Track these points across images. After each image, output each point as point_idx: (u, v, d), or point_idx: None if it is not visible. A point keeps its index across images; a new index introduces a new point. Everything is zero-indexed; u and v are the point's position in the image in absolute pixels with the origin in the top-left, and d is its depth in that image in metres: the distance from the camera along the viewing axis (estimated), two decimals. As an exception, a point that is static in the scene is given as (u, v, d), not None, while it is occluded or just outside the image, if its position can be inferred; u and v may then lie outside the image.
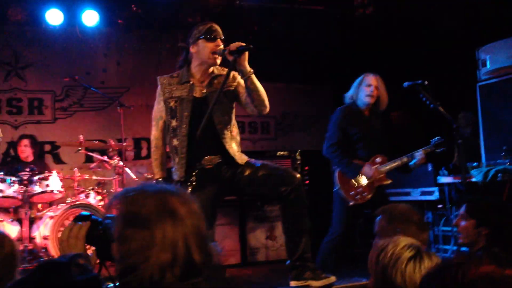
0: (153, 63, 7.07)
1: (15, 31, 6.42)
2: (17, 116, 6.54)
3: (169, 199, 1.35)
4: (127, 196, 1.37)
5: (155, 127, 3.36)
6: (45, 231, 5.18)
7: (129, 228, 1.31)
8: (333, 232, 4.15)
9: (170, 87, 3.29)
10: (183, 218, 1.33)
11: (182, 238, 1.30)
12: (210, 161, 3.21)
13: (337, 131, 4.16)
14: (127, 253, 1.29)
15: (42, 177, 5.34)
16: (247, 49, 3.01)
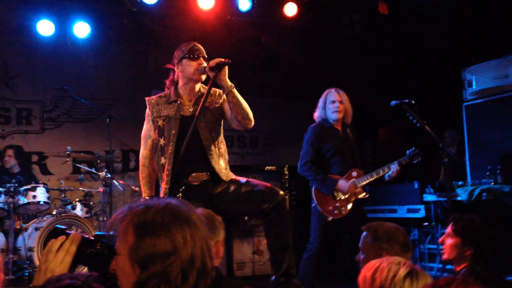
0: (142, 76, 7.10)
1: (5, 40, 6.41)
2: (4, 126, 6.51)
3: (179, 209, 1.38)
4: (136, 209, 1.38)
5: (143, 146, 3.40)
6: (31, 243, 5.13)
7: (146, 237, 1.31)
8: (311, 248, 4.18)
9: (158, 106, 3.35)
10: (198, 225, 1.38)
11: (199, 243, 1.34)
12: (197, 178, 3.24)
13: (310, 149, 4.23)
14: (150, 260, 1.30)
15: (28, 187, 5.31)
16: (225, 64, 3.07)
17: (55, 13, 6.00)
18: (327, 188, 4.16)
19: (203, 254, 1.35)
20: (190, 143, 3.04)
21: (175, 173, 3.15)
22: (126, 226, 1.36)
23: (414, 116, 3.94)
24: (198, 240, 1.35)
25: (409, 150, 4.28)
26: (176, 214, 1.36)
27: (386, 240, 2.47)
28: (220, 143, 3.35)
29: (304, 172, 4.23)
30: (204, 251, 1.35)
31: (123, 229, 1.36)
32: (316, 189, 4.21)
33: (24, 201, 5.25)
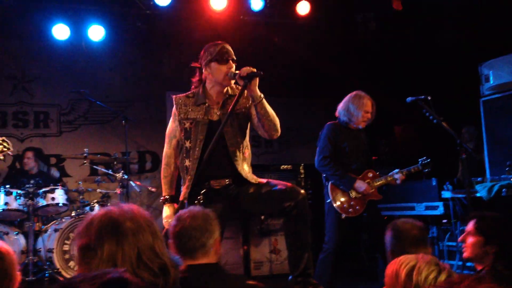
0: (157, 77, 7.15)
1: (21, 45, 6.51)
2: (23, 129, 6.60)
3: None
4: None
5: (167, 144, 3.36)
6: (50, 244, 5.20)
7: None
8: (327, 248, 4.17)
9: (186, 107, 3.27)
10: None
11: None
12: (219, 182, 3.21)
13: (328, 144, 4.23)
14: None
15: (47, 190, 5.37)
16: (257, 75, 3.01)
17: (70, 17, 6.06)
18: (345, 185, 4.16)
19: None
20: (216, 148, 3.01)
21: (198, 177, 3.13)
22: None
23: (431, 112, 3.90)
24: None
25: (421, 159, 4.29)
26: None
27: (409, 238, 2.52)
28: (245, 148, 3.31)
29: (323, 167, 4.22)
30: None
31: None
32: (332, 186, 4.20)
33: (43, 203, 5.32)
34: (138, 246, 1.48)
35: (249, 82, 3.00)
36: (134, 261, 1.45)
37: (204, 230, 2.18)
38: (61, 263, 5.15)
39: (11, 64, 6.60)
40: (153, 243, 1.51)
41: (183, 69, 7.10)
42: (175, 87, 7.01)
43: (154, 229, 1.56)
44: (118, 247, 1.46)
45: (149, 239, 1.51)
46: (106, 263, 1.45)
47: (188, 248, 2.18)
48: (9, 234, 5.10)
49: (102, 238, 1.47)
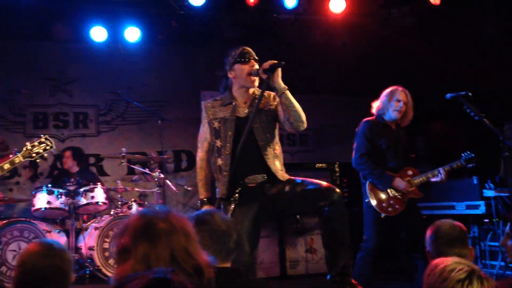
0: (192, 77, 7.21)
1: (61, 48, 6.68)
2: (63, 130, 6.79)
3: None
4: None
5: (200, 148, 3.45)
6: (91, 242, 5.33)
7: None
8: (365, 247, 4.12)
9: (214, 109, 3.38)
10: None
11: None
12: (253, 179, 3.26)
13: (365, 141, 4.16)
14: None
15: (87, 189, 5.50)
16: (279, 66, 3.08)
17: (107, 20, 6.19)
18: (383, 184, 4.10)
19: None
20: (246, 143, 3.07)
21: (232, 174, 3.19)
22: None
23: (472, 108, 3.80)
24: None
25: (464, 154, 4.17)
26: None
27: (447, 239, 2.47)
28: (275, 145, 3.36)
29: (360, 165, 4.16)
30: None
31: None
32: (370, 184, 4.15)
33: (84, 201, 5.45)
34: (171, 247, 1.50)
35: (272, 73, 3.08)
36: (168, 261, 1.48)
37: (235, 232, 2.20)
38: (101, 261, 5.27)
39: (51, 66, 6.79)
40: (187, 244, 1.53)
41: (217, 68, 7.22)
42: (209, 87, 7.10)
43: (188, 230, 1.59)
44: (152, 248, 1.49)
45: (182, 240, 1.53)
46: (140, 264, 1.48)
47: (227, 251, 2.16)
48: (51, 232, 5.25)
49: (136, 240, 1.51)
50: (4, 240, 5.07)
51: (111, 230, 5.38)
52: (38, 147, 3.22)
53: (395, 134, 4.26)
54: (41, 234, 5.14)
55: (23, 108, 6.67)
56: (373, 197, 4.11)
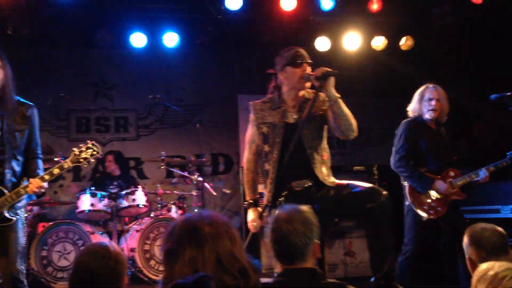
0: (229, 80, 7.28)
1: (102, 54, 6.87)
2: (104, 134, 6.97)
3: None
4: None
5: (247, 150, 3.44)
6: (132, 243, 5.45)
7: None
8: (406, 250, 4.05)
9: (263, 112, 3.35)
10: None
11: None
12: (299, 184, 3.22)
13: (404, 143, 4.08)
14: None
15: (128, 192, 5.63)
16: (332, 75, 3.05)
17: (147, 26, 6.32)
18: (423, 187, 4.02)
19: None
20: (294, 151, 3.05)
21: (278, 181, 3.17)
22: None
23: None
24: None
25: (510, 153, 4.03)
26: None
27: (487, 244, 2.40)
28: (323, 151, 3.33)
29: (399, 168, 4.10)
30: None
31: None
32: (410, 187, 4.08)
33: (125, 204, 5.57)
34: (217, 250, 1.53)
35: (325, 82, 3.05)
36: (214, 265, 1.51)
37: (302, 235, 2.09)
38: (142, 262, 5.38)
39: (93, 72, 6.99)
40: (232, 248, 1.56)
41: (254, 72, 7.26)
42: (246, 90, 7.15)
43: (233, 234, 1.62)
44: (198, 252, 1.53)
45: (228, 244, 1.56)
46: (187, 267, 1.52)
47: (286, 256, 2.12)
48: (95, 234, 5.39)
49: (183, 244, 1.55)
50: (50, 242, 5.24)
51: (151, 232, 5.49)
52: (85, 152, 3.31)
53: (436, 135, 4.16)
54: (85, 235, 5.29)
55: (66, 113, 6.89)
56: (414, 199, 4.04)
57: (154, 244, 5.47)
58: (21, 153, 3.31)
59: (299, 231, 2.10)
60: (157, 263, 5.43)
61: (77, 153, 3.29)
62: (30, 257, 5.09)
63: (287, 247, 2.09)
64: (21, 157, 3.31)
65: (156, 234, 5.51)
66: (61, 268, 5.21)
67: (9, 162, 3.22)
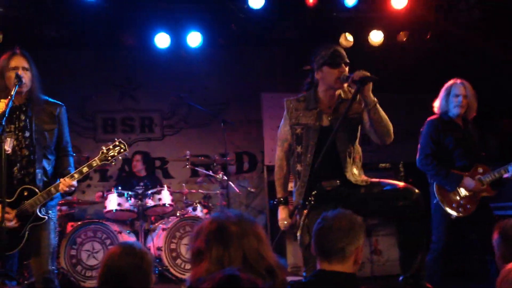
0: (252, 79, 7.29)
1: (127, 55, 6.96)
2: (130, 134, 7.05)
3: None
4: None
5: (280, 147, 3.41)
6: (159, 242, 5.51)
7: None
8: (435, 248, 4.00)
9: (297, 112, 3.28)
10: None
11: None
12: (330, 184, 3.20)
13: (429, 141, 4.04)
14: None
15: (154, 191, 5.69)
16: (370, 80, 2.97)
17: (170, 26, 6.37)
18: (450, 184, 3.96)
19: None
20: (327, 154, 3.00)
21: (311, 182, 3.14)
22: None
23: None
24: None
25: None
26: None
27: (503, 240, 2.35)
28: (356, 153, 3.29)
29: (425, 166, 4.05)
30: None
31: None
32: (437, 185, 4.02)
33: (151, 203, 5.63)
34: (243, 249, 1.55)
35: (363, 86, 2.96)
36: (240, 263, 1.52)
37: (347, 233, 2.07)
38: (169, 261, 5.43)
39: (119, 73, 7.09)
40: (258, 246, 1.57)
41: (278, 70, 7.25)
42: (269, 88, 7.14)
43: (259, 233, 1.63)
44: (225, 251, 1.54)
45: (254, 243, 1.57)
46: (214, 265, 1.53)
47: (325, 250, 2.09)
48: (122, 233, 5.47)
49: (210, 243, 1.57)
50: (79, 241, 5.34)
51: (178, 231, 5.54)
52: (113, 150, 3.36)
53: (463, 131, 4.10)
54: (113, 234, 5.37)
55: (93, 114, 7.00)
56: (443, 197, 3.99)
57: (181, 243, 5.53)
58: (52, 152, 3.38)
59: (345, 228, 2.08)
60: (183, 262, 5.48)
61: (105, 152, 3.35)
62: (60, 256, 5.19)
63: (329, 242, 2.07)
64: (51, 156, 3.38)
65: (182, 233, 5.55)
66: (90, 267, 5.30)
67: (39, 162, 3.29)
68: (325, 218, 2.16)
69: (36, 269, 3.25)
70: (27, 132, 3.30)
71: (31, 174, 3.28)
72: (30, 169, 3.28)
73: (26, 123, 3.31)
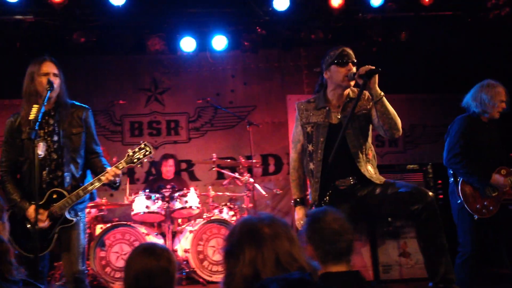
0: (278, 81, 7.29)
1: (154, 60, 7.05)
2: (157, 137, 7.13)
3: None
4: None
5: (293, 149, 3.51)
6: (186, 245, 5.55)
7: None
8: (464, 252, 3.95)
9: (307, 112, 3.41)
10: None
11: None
12: (344, 182, 3.27)
13: (459, 140, 3.98)
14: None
15: (181, 193, 5.73)
16: (376, 72, 3.03)
17: (196, 30, 6.43)
18: (481, 182, 3.90)
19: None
20: (338, 150, 3.06)
21: (323, 181, 3.21)
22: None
23: None
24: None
25: None
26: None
27: None
28: (368, 149, 3.35)
29: (454, 165, 3.99)
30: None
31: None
32: (463, 185, 3.96)
33: (178, 206, 5.67)
34: (276, 251, 1.54)
35: (368, 80, 3.04)
36: (273, 265, 1.52)
37: (351, 232, 2.11)
38: (196, 263, 5.46)
39: (146, 77, 7.18)
40: (291, 248, 1.57)
41: (303, 72, 7.23)
42: (294, 91, 7.14)
43: (291, 234, 1.63)
44: (258, 252, 1.54)
45: (286, 244, 1.57)
46: (247, 267, 1.53)
47: (338, 253, 2.08)
48: (150, 235, 5.53)
49: (243, 244, 1.57)
50: (108, 243, 5.42)
51: (204, 233, 5.57)
52: (138, 153, 3.41)
53: (489, 131, 4.07)
54: (141, 237, 5.44)
55: (120, 118, 7.11)
56: (466, 198, 3.94)
57: (207, 245, 5.56)
58: (80, 156, 3.44)
59: (348, 228, 2.11)
60: (210, 264, 5.51)
61: (130, 154, 3.40)
62: (90, 257, 5.28)
63: (341, 245, 2.07)
64: (80, 160, 3.44)
65: (209, 235, 5.58)
66: (119, 269, 5.38)
67: (67, 165, 3.36)
68: (325, 221, 2.12)
69: (67, 269, 3.33)
70: (55, 136, 3.37)
71: (59, 177, 3.35)
72: (59, 172, 3.35)
73: (54, 127, 3.39)
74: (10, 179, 3.37)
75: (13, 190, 3.32)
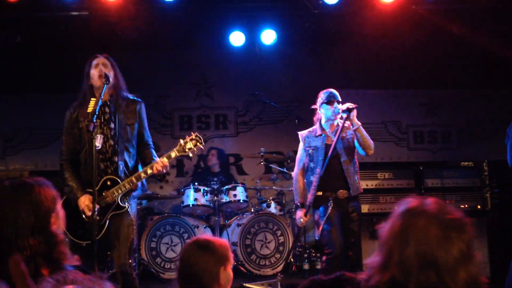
0: (326, 75, 7.19)
1: (203, 54, 7.12)
2: (205, 131, 7.21)
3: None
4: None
5: (297, 167, 4.50)
6: (234, 238, 5.59)
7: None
8: None
9: (309, 139, 4.43)
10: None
11: None
12: (342, 194, 4.23)
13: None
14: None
15: (229, 187, 5.77)
16: (353, 109, 4.14)
17: (245, 24, 6.44)
18: None
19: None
20: (332, 165, 4.16)
21: (322, 188, 4.17)
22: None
23: None
24: None
25: None
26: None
27: None
28: (356, 164, 4.36)
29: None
30: None
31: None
32: None
33: (226, 199, 5.72)
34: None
35: (349, 114, 4.15)
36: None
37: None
38: (244, 256, 5.51)
39: (194, 72, 7.26)
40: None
41: (352, 66, 7.10)
42: (343, 85, 6.99)
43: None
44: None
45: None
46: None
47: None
48: (199, 227, 5.61)
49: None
50: (158, 234, 5.55)
51: (252, 227, 5.61)
52: (189, 143, 3.48)
53: None
54: (190, 229, 5.53)
55: (170, 112, 7.23)
56: None
57: (255, 238, 5.59)
58: (133, 146, 3.58)
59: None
60: (258, 258, 5.53)
61: (182, 144, 3.47)
62: (141, 248, 5.42)
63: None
64: (132, 150, 3.58)
65: (257, 229, 5.61)
66: (168, 259, 5.50)
67: (121, 154, 3.50)
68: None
69: (116, 261, 3.44)
70: (112, 124, 3.51)
71: (114, 163, 3.47)
72: (114, 158, 3.48)
73: (110, 116, 3.51)
74: (69, 168, 3.53)
75: (71, 178, 3.48)
